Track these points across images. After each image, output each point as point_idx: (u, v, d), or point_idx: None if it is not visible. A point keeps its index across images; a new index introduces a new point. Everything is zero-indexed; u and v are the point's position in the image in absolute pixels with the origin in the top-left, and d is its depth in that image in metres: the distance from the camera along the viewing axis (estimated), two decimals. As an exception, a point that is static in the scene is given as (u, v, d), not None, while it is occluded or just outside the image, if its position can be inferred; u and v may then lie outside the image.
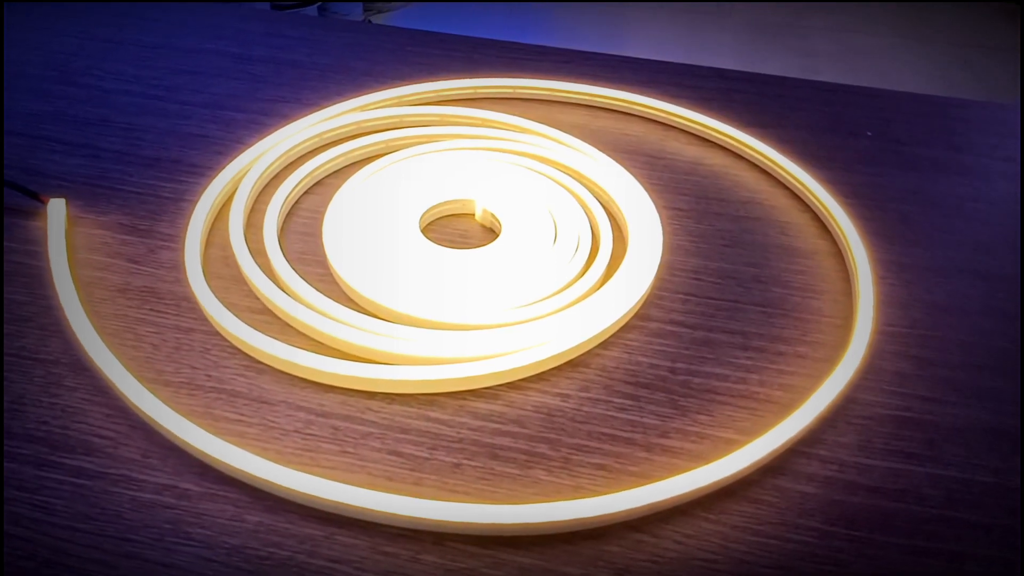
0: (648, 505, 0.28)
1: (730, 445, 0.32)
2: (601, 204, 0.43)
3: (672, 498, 0.29)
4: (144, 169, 0.45)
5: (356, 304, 0.37)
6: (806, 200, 0.45)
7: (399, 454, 0.31)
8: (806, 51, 2.12)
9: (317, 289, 0.36)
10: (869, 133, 0.53)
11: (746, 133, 0.50)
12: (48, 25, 0.59)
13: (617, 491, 0.29)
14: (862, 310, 0.37)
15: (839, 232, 0.42)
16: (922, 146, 0.52)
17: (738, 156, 0.50)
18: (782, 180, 0.47)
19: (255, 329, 0.34)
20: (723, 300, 0.39)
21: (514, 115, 0.49)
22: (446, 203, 0.42)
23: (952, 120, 0.56)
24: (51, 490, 0.29)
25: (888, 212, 0.46)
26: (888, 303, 0.39)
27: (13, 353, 0.34)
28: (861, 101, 0.57)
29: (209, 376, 0.33)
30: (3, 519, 0.28)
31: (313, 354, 0.33)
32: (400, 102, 0.50)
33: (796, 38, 2.19)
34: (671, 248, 0.42)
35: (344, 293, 0.37)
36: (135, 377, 0.32)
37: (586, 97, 0.53)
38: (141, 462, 0.30)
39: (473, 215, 0.43)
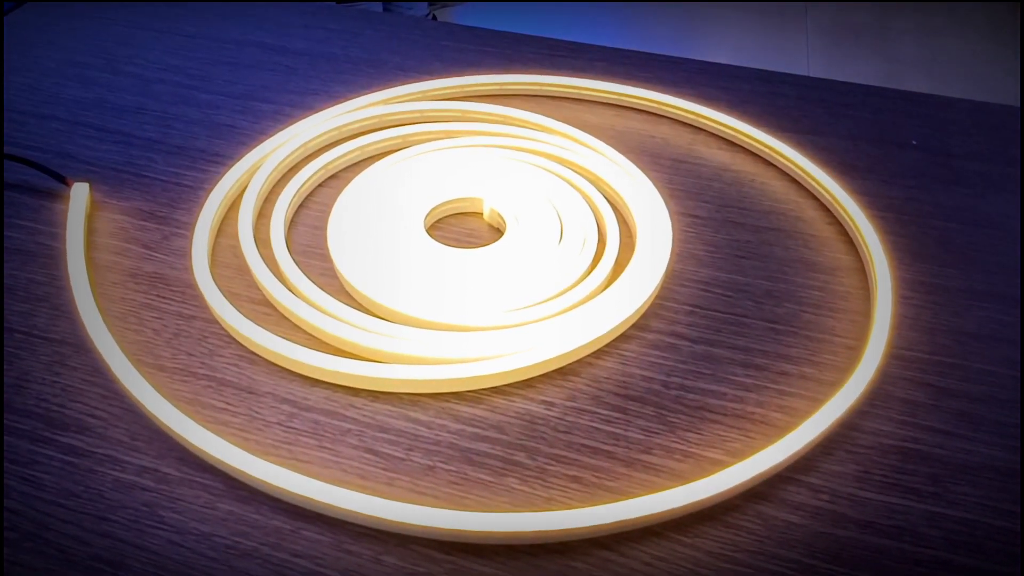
0: (617, 522, 0.27)
1: (715, 466, 0.30)
2: (613, 208, 0.42)
3: (644, 517, 0.28)
4: (170, 157, 0.46)
5: (353, 300, 0.37)
6: (834, 212, 0.43)
7: (375, 453, 0.31)
8: (891, 56, 2.02)
9: (315, 283, 0.36)
10: (914, 142, 0.50)
11: (779, 139, 0.47)
12: (100, 14, 0.61)
13: (589, 505, 0.28)
14: (876, 331, 0.35)
15: (863, 246, 0.40)
16: (974, 159, 0.49)
17: (768, 163, 0.48)
18: (811, 190, 0.45)
19: (251, 320, 0.35)
20: (730, 314, 0.37)
21: (536, 113, 0.48)
22: (454, 201, 0.42)
23: (1012, 131, 0.52)
24: (42, 465, 0.30)
25: (924, 229, 0.43)
26: (908, 326, 0.37)
27: (24, 331, 0.35)
28: (913, 108, 0.54)
29: (203, 364, 0.34)
30: (3, 492, 0.29)
31: (301, 347, 0.33)
32: (423, 97, 0.50)
33: (881, 41, 2.09)
34: (682, 257, 0.40)
35: (344, 289, 0.38)
36: (131, 361, 0.33)
37: (614, 96, 0.52)
38: (128, 444, 0.31)
39: (481, 214, 0.42)
